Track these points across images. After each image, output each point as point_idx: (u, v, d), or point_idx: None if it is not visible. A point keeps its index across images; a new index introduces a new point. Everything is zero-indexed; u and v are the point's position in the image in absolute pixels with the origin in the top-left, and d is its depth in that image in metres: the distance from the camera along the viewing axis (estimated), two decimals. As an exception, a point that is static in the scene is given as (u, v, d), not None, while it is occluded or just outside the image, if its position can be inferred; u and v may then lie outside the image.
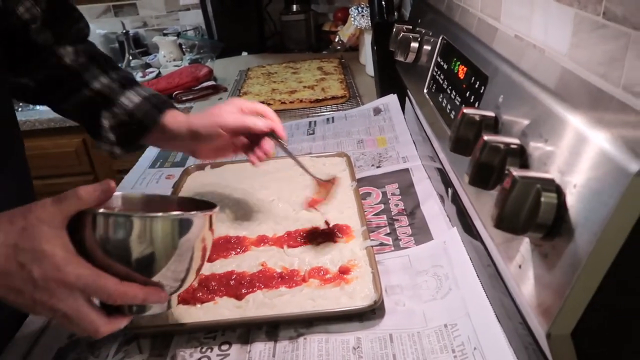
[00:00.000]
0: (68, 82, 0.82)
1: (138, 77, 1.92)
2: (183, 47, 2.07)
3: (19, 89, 0.82)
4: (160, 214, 0.53)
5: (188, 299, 0.68)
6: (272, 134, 0.80)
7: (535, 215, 0.40)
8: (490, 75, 0.61)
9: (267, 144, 0.82)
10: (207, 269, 0.73)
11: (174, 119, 0.82)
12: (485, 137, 0.48)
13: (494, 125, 0.55)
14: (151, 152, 1.21)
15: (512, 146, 0.48)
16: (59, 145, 1.84)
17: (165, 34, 2.15)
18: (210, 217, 0.57)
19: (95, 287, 0.50)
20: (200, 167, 1.05)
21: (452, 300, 0.64)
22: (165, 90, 1.69)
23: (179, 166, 1.14)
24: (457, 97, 0.71)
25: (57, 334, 0.67)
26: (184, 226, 0.53)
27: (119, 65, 0.89)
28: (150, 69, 2.00)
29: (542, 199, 0.40)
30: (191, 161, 1.14)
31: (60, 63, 0.82)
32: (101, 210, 0.52)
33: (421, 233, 0.81)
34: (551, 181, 0.41)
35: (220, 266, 0.74)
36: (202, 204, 0.60)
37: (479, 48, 0.70)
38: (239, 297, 0.68)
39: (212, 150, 0.85)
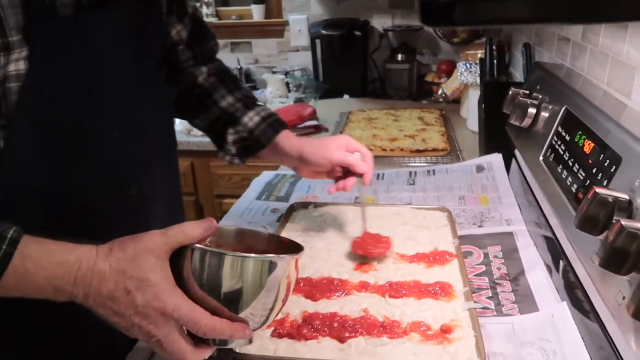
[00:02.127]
0: (201, 100, 0.95)
1: (246, 109, 2.06)
2: (290, 85, 2.20)
3: None
4: (252, 255, 0.58)
5: (293, 334, 0.72)
6: (360, 177, 0.92)
7: (680, 311, 0.40)
8: (624, 157, 0.61)
9: (351, 181, 0.93)
10: (312, 307, 0.77)
11: (287, 140, 0.95)
12: (623, 222, 0.48)
13: (627, 209, 0.55)
14: (259, 184, 1.29)
15: (652, 234, 0.47)
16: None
17: (274, 72, 2.30)
18: (297, 260, 0.61)
19: (188, 319, 0.54)
20: (305, 206, 1.10)
21: (560, 379, 0.63)
22: (271, 126, 1.80)
23: (283, 200, 1.20)
24: (581, 172, 0.71)
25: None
26: (272, 267, 0.57)
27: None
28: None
29: (689, 297, 0.39)
30: (294, 197, 1.21)
31: (195, 81, 0.95)
32: (200, 245, 0.57)
33: (526, 302, 0.79)
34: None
35: (323, 306, 0.77)
36: (291, 245, 0.65)
37: (608, 124, 0.70)
38: (342, 339, 0.70)
39: (312, 172, 0.97)
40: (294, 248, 0.63)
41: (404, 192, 1.20)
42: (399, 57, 2.14)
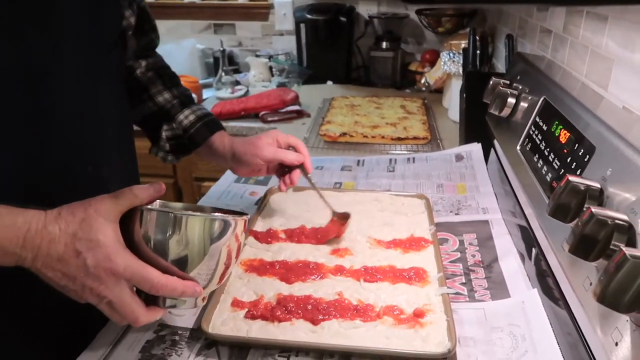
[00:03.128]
0: (137, 93, 0.93)
1: (227, 93, 2.03)
2: (273, 69, 2.18)
3: None
4: (197, 213, 0.63)
5: (267, 316, 0.71)
6: (301, 167, 0.93)
7: (644, 297, 0.40)
8: (597, 146, 0.61)
9: (295, 174, 0.94)
10: (286, 290, 0.77)
11: (221, 141, 0.95)
12: (593, 209, 0.48)
13: (598, 197, 0.55)
14: (238, 167, 1.28)
15: (620, 222, 0.48)
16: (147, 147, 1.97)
17: (257, 56, 2.26)
18: (244, 223, 0.64)
19: (140, 277, 0.56)
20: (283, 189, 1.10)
21: (528, 363, 0.64)
22: (253, 109, 1.78)
23: (262, 184, 1.19)
24: (556, 161, 0.72)
25: (145, 327, 0.72)
26: (217, 226, 0.60)
27: (181, 83, 1.00)
28: (239, 87, 2.11)
29: (653, 282, 0.40)
30: (274, 181, 1.20)
31: (133, 74, 0.93)
32: (148, 206, 0.59)
33: (498, 288, 0.80)
34: (663, 265, 0.41)
35: (298, 289, 0.77)
36: (236, 214, 0.66)
37: (584, 115, 0.71)
38: (315, 322, 0.70)
39: (248, 171, 0.97)
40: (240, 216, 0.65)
41: (383, 179, 1.21)
42: (384, 44, 2.13)
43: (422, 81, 1.96)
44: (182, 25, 2.43)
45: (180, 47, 2.26)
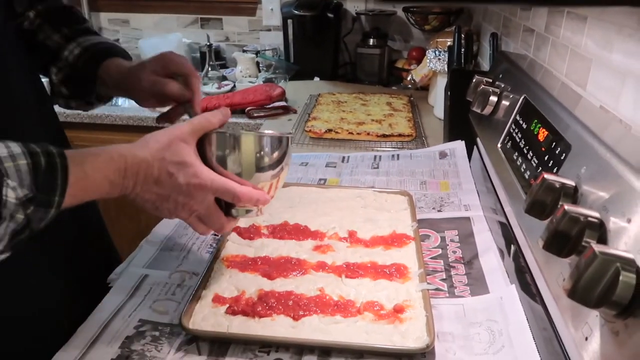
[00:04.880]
0: (30, 47, 0.82)
1: (214, 88, 2.02)
2: (260, 65, 2.17)
3: None
4: (266, 132, 0.72)
5: (247, 312, 0.72)
6: (187, 105, 0.78)
7: (612, 292, 0.41)
8: (573, 145, 0.62)
9: (176, 113, 0.81)
10: (268, 286, 0.77)
11: (116, 69, 0.82)
12: (566, 207, 0.49)
13: (573, 195, 0.56)
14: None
15: (592, 219, 0.49)
16: (129, 140, 1.95)
17: (244, 51, 2.26)
18: (290, 138, 0.72)
19: (224, 189, 0.63)
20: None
21: (504, 358, 0.65)
22: (239, 105, 1.78)
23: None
24: (535, 159, 0.73)
25: (125, 323, 0.72)
26: (280, 141, 0.70)
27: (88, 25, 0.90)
28: (226, 82, 2.11)
29: (621, 278, 0.41)
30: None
31: (21, 29, 0.83)
32: (222, 130, 0.67)
33: (477, 284, 0.81)
34: (631, 261, 0.42)
35: (280, 285, 0.78)
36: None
37: (562, 114, 0.72)
38: (296, 317, 0.71)
39: (149, 102, 0.82)
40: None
41: (367, 176, 1.21)
42: (371, 41, 2.14)
43: (409, 78, 1.97)
44: (169, 19, 2.42)
45: (167, 40, 2.25)
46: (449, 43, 1.70)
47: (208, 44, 2.13)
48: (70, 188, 0.54)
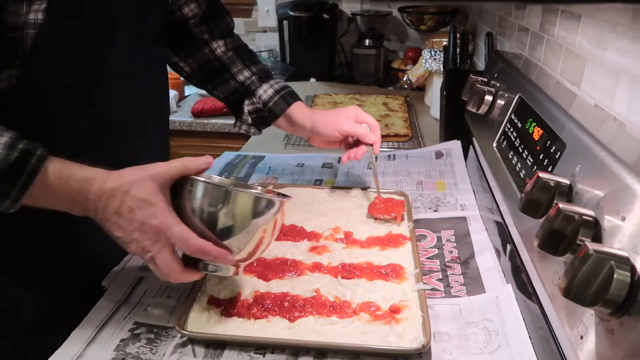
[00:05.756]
0: (220, 73, 1.05)
1: (210, 89, 2.02)
2: (256, 66, 2.17)
3: (180, 71, 1.06)
4: (245, 189, 0.69)
5: (243, 314, 0.71)
6: (370, 147, 1.00)
7: (606, 291, 0.41)
8: (568, 143, 0.62)
9: (361, 151, 1.01)
10: (264, 287, 0.77)
11: (300, 111, 1.03)
12: (561, 205, 0.49)
13: (568, 193, 0.56)
14: (219, 164, 1.27)
15: (587, 218, 0.49)
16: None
17: (240, 52, 2.25)
18: (283, 204, 0.68)
19: (179, 237, 0.62)
20: (263, 186, 1.09)
21: (500, 358, 0.65)
22: (235, 106, 1.77)
23: (242, 181, 1.18)
24: (530, 158, 0.72)
25: (120, 326, 0.71)
26: (261, 204, 0.66)
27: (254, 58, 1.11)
28: (222, 84, 2.10)
29: (615, 276, 0.41)
30: (254, 179, 1.20)
31: (214, 55, 1.04)
32: (198, 177, 0.65)
33: (473, 284, 0.81)
34: (626, 259, 0.42)
35: (275, 286, 0.77)
36: (279, 195, 0.72)
37: (557, 112, 0.72)
38: (291, 319, 0.71)
39: (323, 142, 1.05)
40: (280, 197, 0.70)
41: (364, 176, 1.21)
42: (367, 42, 2.14)
43: (405, 79, 1.97)
44: (164, 21, 2.41)
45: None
46: (444, 43, 1.70)
47: (204, 45, 2.12)
48: (34, 188, 0.59)
